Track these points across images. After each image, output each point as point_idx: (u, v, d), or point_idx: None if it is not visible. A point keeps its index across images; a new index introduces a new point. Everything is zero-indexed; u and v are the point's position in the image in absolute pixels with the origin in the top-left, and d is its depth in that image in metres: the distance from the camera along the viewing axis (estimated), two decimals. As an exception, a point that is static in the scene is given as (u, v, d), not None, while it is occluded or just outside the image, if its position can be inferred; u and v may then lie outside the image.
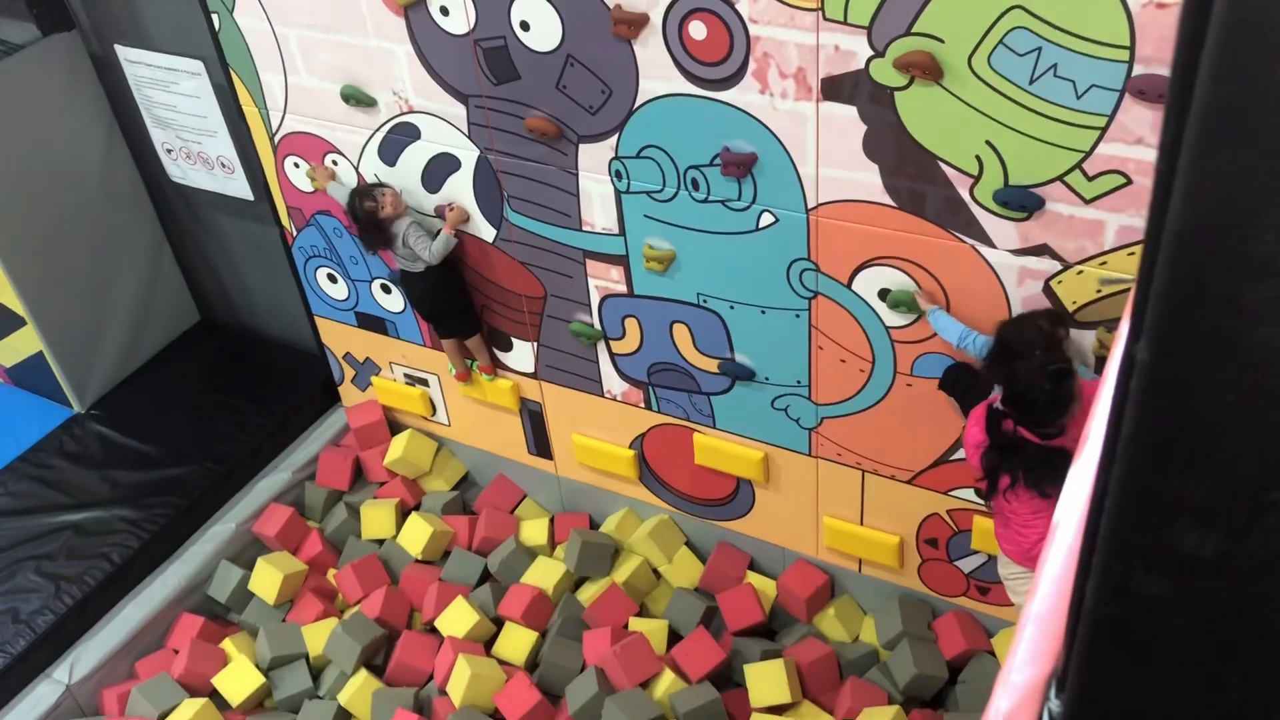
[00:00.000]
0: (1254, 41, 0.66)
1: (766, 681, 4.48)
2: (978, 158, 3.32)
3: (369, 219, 4.49)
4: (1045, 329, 3.33)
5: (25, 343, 5.78)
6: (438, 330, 4.93)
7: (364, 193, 4.51)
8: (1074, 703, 1.05)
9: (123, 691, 4.79)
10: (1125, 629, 0.94)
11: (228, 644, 4.96)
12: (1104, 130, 3.07)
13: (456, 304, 4.79)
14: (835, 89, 3.41)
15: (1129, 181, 3.13)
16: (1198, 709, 0.97)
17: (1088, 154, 3.14)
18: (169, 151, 5.62)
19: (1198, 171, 0.69)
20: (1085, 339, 3.51)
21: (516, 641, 4.83)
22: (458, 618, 4.87)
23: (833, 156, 3.56)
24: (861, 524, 4.54)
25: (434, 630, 4.98)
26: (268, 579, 5.07)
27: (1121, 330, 1.28)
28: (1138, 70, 2.93)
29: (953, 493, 4.19)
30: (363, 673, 4.78)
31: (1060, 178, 3.23)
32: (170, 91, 5.32)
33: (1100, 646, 0.98)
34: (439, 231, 4.50)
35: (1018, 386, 3.17)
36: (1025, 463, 3.23)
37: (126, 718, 4.67)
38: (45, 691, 4.75)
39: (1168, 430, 0.80)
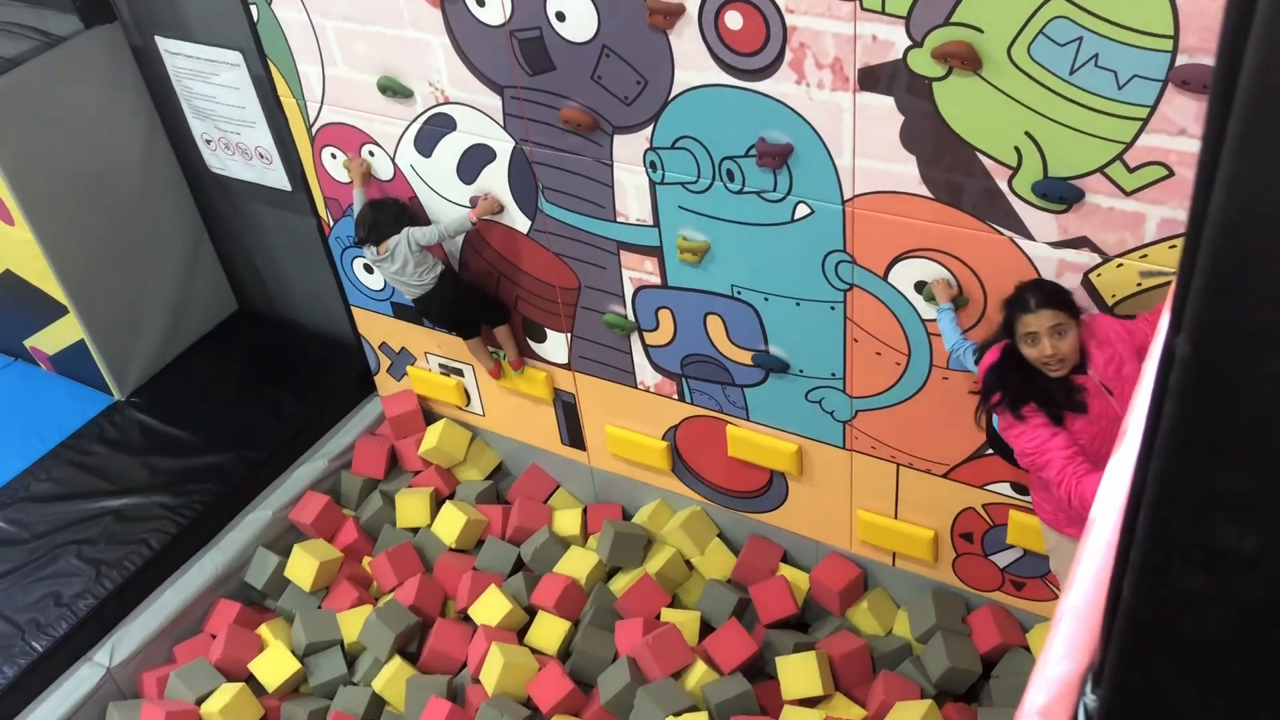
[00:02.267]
0: (1301, 30, 0.65)
1: (799, 674, 4.47)
2: (1016, 149, 3.29)
3: (387, 221, 4.58)
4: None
5: (67, 331, 5.86)
6: (463, 334, 4.97)
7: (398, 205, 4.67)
8: (1110, 698, 1.04)
9: (161, 675, 4.86)
10: (1163, 624, 0.93)
11: (264, 630, 5.01)
12: (1146, 121, 3.03)
13: (475, 305, 4.84)
14: (872, 79, 3.39)
15: (1171, 173, 3.09)
16: (1235, 705, 0.96)
17: (1129, 145, 3.10)
18: (208, 142, 5.67)
19: (1241, 163, 0.69)
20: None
21: (549, 631, 4.85)
22: (491, 606, 4.89)
23: (869, 147, 3.54)
24: (895, 518, 4.52)
25: (467, 619, 5.01)
26: (304, 566, 5.12)
27: (1161, 324, 1.26)
28: (1181, 60, 2.89)
29: (988, 487, 4.16)
30: (397, 660, 4.82)
31: (1100, 169, 3.19)
32: (209, 83, 5.37)
33: (1137, 641, 0.97)
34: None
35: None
36: (1028, 385, 3.25)
37: (165, 700, 4.73)
38: (86, 674, 4.82)
39: (1207, 424, 0.79)
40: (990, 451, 4.00)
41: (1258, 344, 0.73)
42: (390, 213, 4.58)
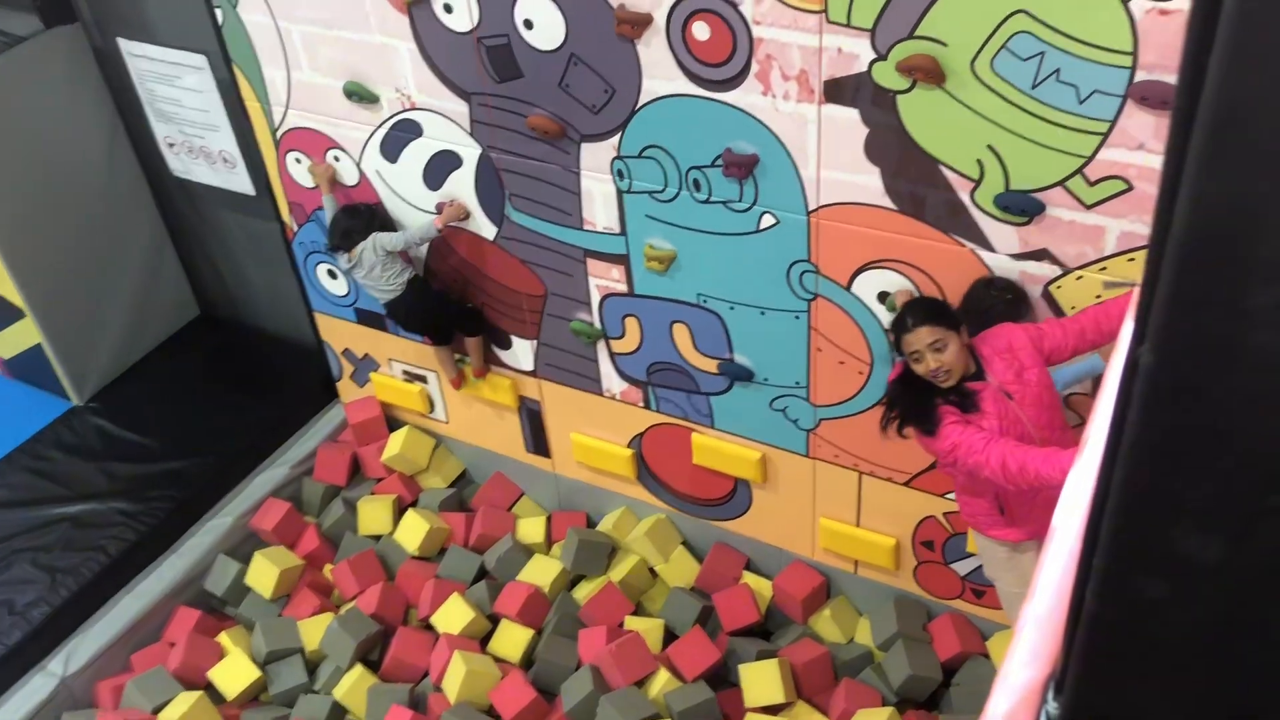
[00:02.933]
0: (1262, 47, 0.67)
1: (761, 681, 4.48)
2: (979, 162, 3.33)
3: (354, 228, 4.58)
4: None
5: (24, 335, 5.78)
6: (435, 339, 4.96)
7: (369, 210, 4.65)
8: (1072, 705, 1.06)
9: (118, 684, 4.79)
10: (1125, 631, 0.95)
11: (224, 638, 4.96)
12: (1106, 136, 3.08)
13: (446, 312, 4.82)
14: (838, 91, 3.42)
15: (1130, 187, 3.14)
16: (1195, 713, 0.98)
17: (1089, 159, 3.15)
18: (171, 145, 5.62)
19: (1204, 176, 0.70)
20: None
21: (512, 639, 4.84)
22: (454, 614, 4.87)
23: (834, 159, 3.56)
24: (858, 525, 4.55)
25: (429, 627, 4.98)
26: (264, 573, 5.08)
27: (1124, 334, 1.28)
28: (1140, 76, 2.94)
29: (949, 495, 4.20)
30: (359, 668, 4.78)
31: (1061, 183, 3.24)
32: (173, 85, 5.32)
33: (1099, 648, 0.98)
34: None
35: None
36: (923, 397, 3.34)
37: (121, 710, 4.67)
38: (40, 684, 4.74)
39: (1170, 434, 0.80)
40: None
41: (1221, 356, 0.74)
42: (363, 219, 4.58)
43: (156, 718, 4.62)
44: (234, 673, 4.78)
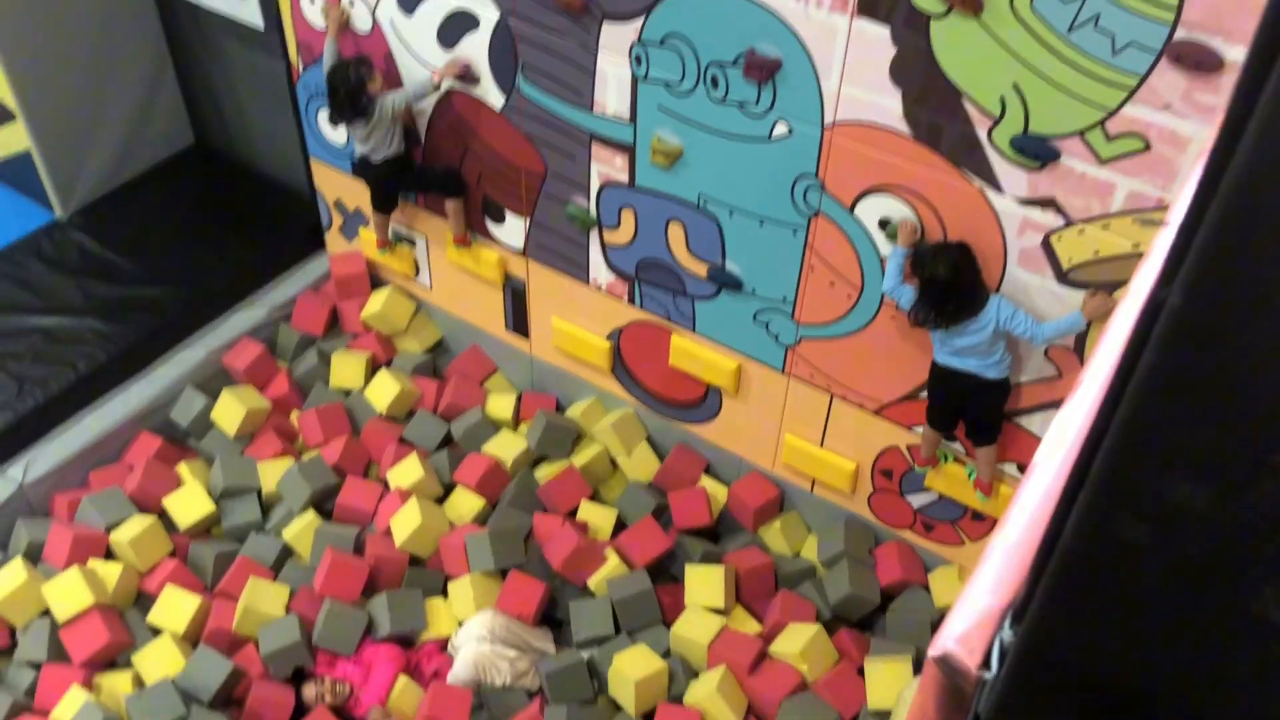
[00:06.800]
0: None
1: (704, 585, 4.57)
2: (1002, 99, 3.29)
3: (355, 88, 4.46)
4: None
5: (13, 138, 5.67)
6: (383, 208, 5.05)
7: (359, 61, 4.48)
8: (1030, 634, 1.08)
9: (74, 499, 4.83)
10: (1097, 569, 0.97)
11: (183, 468, 4.99)
12: (1133, 91, 3.05)
13: (422, 179, 4.91)
14: (871, 5, 3.36)
15: (1148, 147, 3.12)
16: (1150, 657, 1.00)
17: (1112, 113, 3.12)
18: (183, -35, 5.46)
19: (1271, 126, 0.69)
20: (1074, 299, 3.53)
21: (466, 505, 4.89)
22: (408, 472, 4.91)
23: (858, 75, 3.51)
24: (821, 446, 4.60)
25: (387, 486, 5.02)
26: (231, 411, 5.09)
27: (1139, 279, 1.28)
28: (1180, 34, 2.90)
29: (915, 429, 4.25)
30: (310, 513, 4.84)
31: (1080, 133, 3.21)
32: (192, -97, 5.15)
33: (1067, 584, 1.01)
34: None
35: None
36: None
37: (75, 524, 4.71)
38: (-3, 487, 4.78)
39: (1183, 377, 0.81)
40: (924, 395, 4.08)
41: (1250, 303, 0.74)
42: (349, 82, 4.49)
43: (109, 536, 4.67)
44: (189, 503, 4.82)
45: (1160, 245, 1.12)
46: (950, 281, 3.56)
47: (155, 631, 4.48)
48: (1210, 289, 0.75)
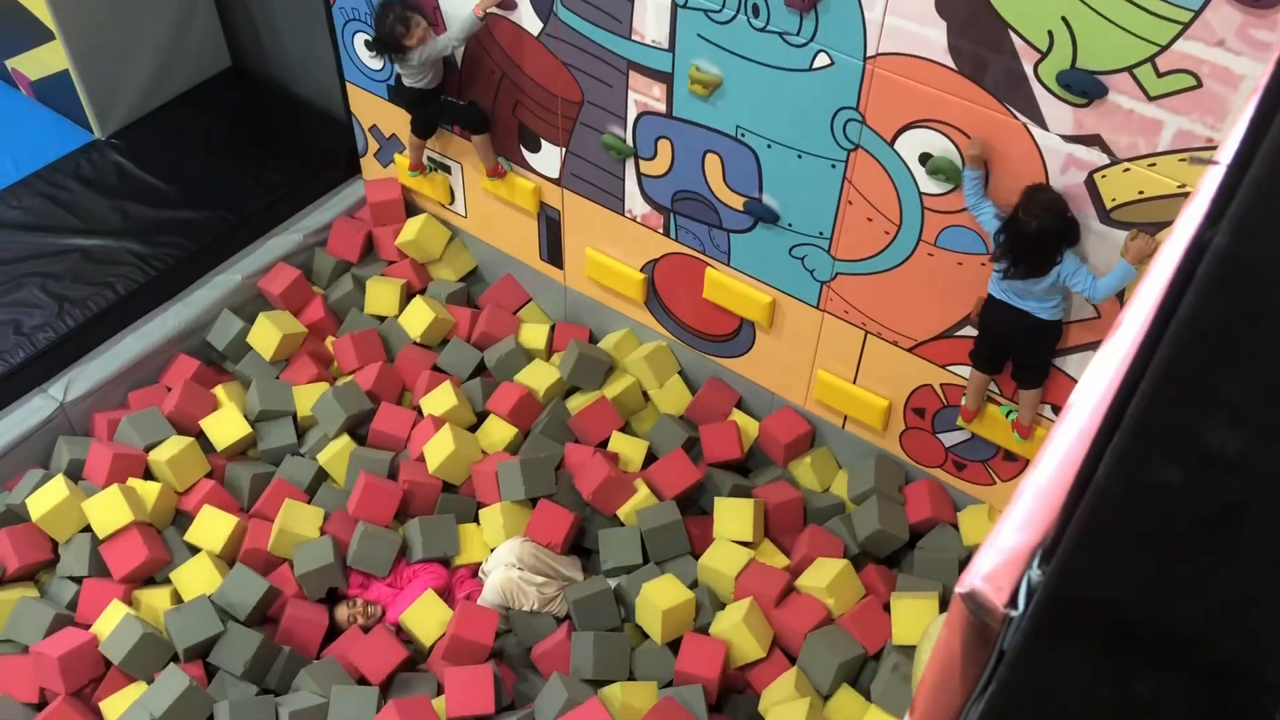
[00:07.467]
0: None
1: (733, 517, 4.59)
2: (1050, 32, 3.21)
3: (389, 38, 4.47)
4: None
5: (52, 58, 5.68)
6: (420, 133, 5.06)
7: (399, 16, 4.45)
8: (1058, 574, 1.08)
9: (114, 418, 4.91)
10: (1129, 511, 0.96)
11: (219, 391, 5.05)
12: (1186, 26, 2.97)
13: (445, 112, 4.88)
14: (920, -65, 3.28)
15: (1199, 84, 3.04)
16: (1178, 600, 1.00)
17: (1163, 49, 3.04)
18: (221, -116, 5.40)
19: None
20: (1116, 239, 3.48)
21: (498, 433, 4.92)
22: (441, 399, 4.95)
23: (902, 5, 3.44)
24: (854, 382, 4.59)
25: (421, 412, 5.06)
26: (267, 335, 5.13)
27: (1183, 220, 1.26)
28: (1236, -31, 2.81)
29: (950, 367, 4.22)
30: (345, 438, 4.89)
31: (1129, 69, 3.14)
32: None
33: (1099, 523, 1.00)
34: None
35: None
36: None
37: (114, 443, 4.79)
38: (39, 405, 4.86)
39: (1225, 321, 0.79)
40: (960, 334, 4.05)
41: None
42: (385, 31, 4.49)
43: (148, 455, 4.75)
44: (226, 425, 4.88)
45: (1206, 185, 1.10)
46: (1042, 236, 3.47)
47: (193, 550, 4.57)
48: (1259, 229, 0.73)
